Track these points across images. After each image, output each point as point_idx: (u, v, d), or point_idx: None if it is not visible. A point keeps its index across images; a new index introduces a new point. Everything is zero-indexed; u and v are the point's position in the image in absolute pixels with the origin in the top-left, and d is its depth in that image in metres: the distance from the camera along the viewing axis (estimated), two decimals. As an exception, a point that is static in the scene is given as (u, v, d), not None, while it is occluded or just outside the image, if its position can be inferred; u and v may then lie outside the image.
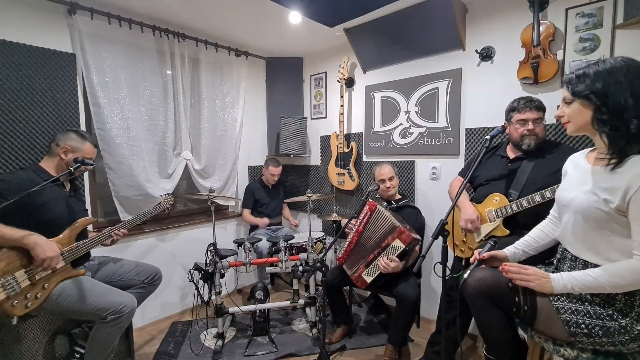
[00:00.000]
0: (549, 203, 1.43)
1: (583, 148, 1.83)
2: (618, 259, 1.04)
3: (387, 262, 1.89)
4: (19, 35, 1.93)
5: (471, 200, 1.87)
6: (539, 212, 1.51)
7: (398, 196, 2.38)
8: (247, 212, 3.08)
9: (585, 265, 1.11)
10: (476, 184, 1.89)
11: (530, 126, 1.67)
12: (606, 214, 1.03)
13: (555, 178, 1.45)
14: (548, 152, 1.69)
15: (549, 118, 1.80)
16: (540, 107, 1.68)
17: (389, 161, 2.54)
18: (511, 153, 1.80)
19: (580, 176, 1.17)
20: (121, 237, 1.88)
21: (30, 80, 1.97)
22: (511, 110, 1.75)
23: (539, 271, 1.18)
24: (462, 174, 2.08)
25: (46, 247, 1.45)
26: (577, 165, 1.22)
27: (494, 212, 1.71)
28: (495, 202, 1.72)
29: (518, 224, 1.65)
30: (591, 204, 1.06)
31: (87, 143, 1.73)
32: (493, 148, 1.91)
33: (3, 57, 1.87)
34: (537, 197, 1.56)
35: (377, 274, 1.97)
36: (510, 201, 1.66)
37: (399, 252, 1.89)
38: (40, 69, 2.00)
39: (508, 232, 1.66)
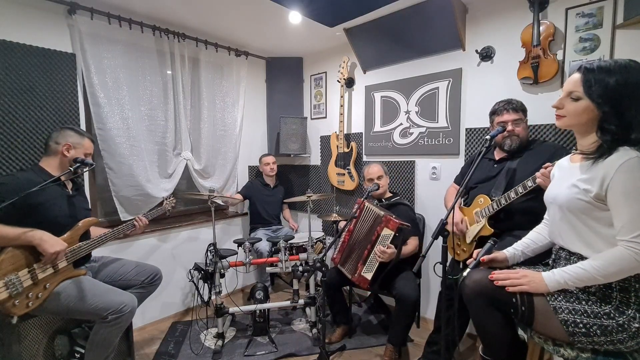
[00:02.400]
0: (537, 199, 1.46)
1: (567, 144, 1.88)
2: (606, 248, 1.06)
3: (383, 250, 1.93)
4: (19, 35, 1.93)
5: (465, 204, 1.92)
6: (529, 210, 1.56)
7: (388, 194, 2.40)
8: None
9: (581, 260, 1.12)
10: (468, 188, 1.92)
11: (510, 127, 1.72)
12: (587, 204, 1.07)
13: None
14: (532, 150, 1.74)
15: (533, 119, 1.83)
16: (519, 109, 1.73)
17: (379, 161, 2.48)
18: (497, 155, 1.85)
19: (564, 174, 1.21)
20: (143, 226, 1.98)
21: (30, 80, 1.97)
22: (492, 113, 1.82)
23: (528, 271, 1.19)
24: (457, 181, 2.13)
25: (53, 241, 1.46)
26: (562, 166, 1.26)
27: (479, 213, 1.76)
28: (480, 203, 1.78)
29: (510, 223, 1.68)
30: (573, 195, 1.10)
31: (85, 138, 1.75)
32: (486, 151, 1.94)
33: (3, 57, 1.87)
34: (512, 194, 1.60)
35: (376, 267, 1.98)
36: (492, 201, 1.70)
37: (390, 239, 1.93)
38: (40, 69, 2.00)
39: (492, 230, 1.70)
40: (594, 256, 1.07)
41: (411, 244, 2.14)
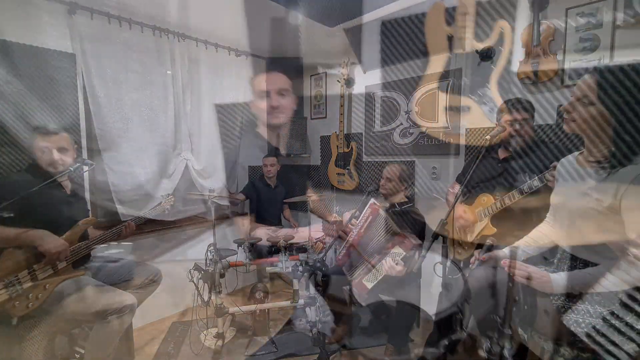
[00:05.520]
0: (540, 199, 1.45)
1: (572, 145, 1.85)
2: (616, 257, 1.04)
3: (392, 265, 1.89)
4: (19, 35, 1.93)
5: (467, 202, 1.90)
6: (531, 210, 1.54)
7: (402, 199, 2.32)
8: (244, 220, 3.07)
9: (586, 264, 1.11)
10: (470, 187, 1.92)
11: (517, 127, 1.71)
12: (599, 213, 1.04)
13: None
14: (536, 150, 1.73)
15: (540, 118, 1.83)
16: (527, 109, 1.72)
17: (402, 161, 2.51)
18: (501, 154, 1.84)
19: (573, 178, 1.19)
20: (131, 231, 1.91)
21: (30, 80, 1.97)
22: (500, 111, 1.81)
23: (538, 270, 1.18)
24: (459, 179, 2.12)
25: (54, 241, 1.46)
26: (570, 169, 1.23)
27: (481, 212, 1.75)
28: (483, 202, 1.77)
29: (511, 222, 1.67)
30: (585, 204, 1.08)
31: (35, 138, 1.61)
32: (488, 150, 1.93)
33: (3, 57, 1.87)
34: (517, 194, 1.59)
35: (378, 279, 1.96)
36: (495, 200, 1.70)
37: (401, 257, 1.89)
38: (40, 69, 2.00)
39: (495, 230, 1.69)
40: (604, 263, 1.05)
41: None
